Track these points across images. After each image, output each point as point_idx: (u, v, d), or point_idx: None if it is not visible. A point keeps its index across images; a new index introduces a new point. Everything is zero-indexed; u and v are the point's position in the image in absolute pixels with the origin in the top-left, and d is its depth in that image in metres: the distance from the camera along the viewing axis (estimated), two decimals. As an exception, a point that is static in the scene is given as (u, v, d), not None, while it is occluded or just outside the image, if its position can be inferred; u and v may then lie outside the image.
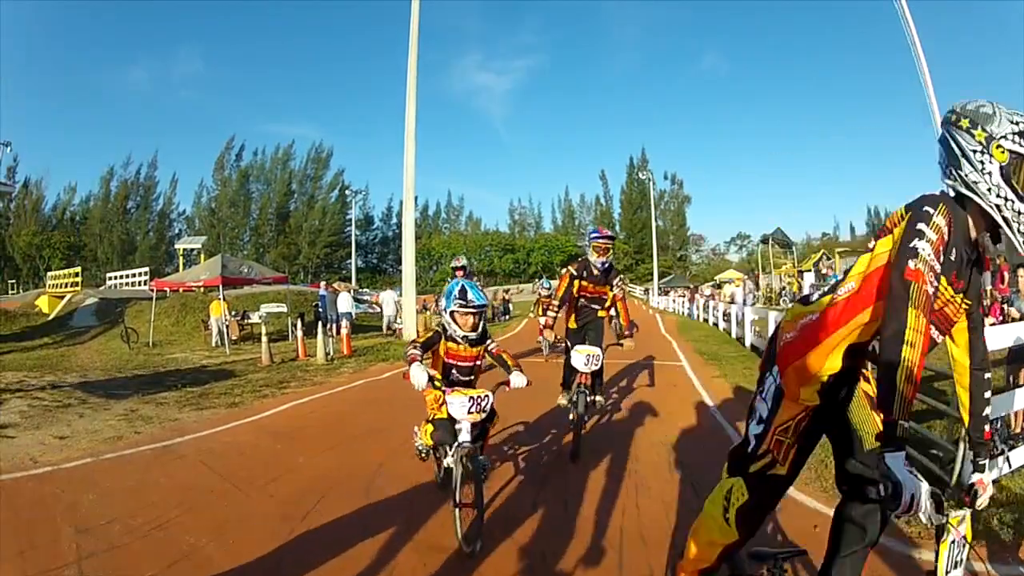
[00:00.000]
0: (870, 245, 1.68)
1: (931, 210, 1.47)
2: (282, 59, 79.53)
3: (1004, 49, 58.64)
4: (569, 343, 5.54)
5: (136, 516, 3.62)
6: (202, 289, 18.77)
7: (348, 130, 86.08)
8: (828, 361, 1.67)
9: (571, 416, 5.21)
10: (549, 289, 13.87)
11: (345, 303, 17.31)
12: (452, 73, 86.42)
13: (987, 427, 1.66)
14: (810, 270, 21.18)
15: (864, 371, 1.81)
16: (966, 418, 1.74)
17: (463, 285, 3.65)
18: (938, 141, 1.60)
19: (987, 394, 1.67)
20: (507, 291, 35.90)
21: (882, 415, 1.41)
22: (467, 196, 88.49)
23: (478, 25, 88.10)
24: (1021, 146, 1.42)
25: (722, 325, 17.83)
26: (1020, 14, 46.40)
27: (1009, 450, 4.04)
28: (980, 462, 1.69)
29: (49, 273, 35.12)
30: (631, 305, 13.65)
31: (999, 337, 4.26)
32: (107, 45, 68.87)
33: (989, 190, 1.46)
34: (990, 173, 1.44)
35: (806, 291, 7.98)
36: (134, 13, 67.83)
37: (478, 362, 3.85)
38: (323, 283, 19.21)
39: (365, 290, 39.42)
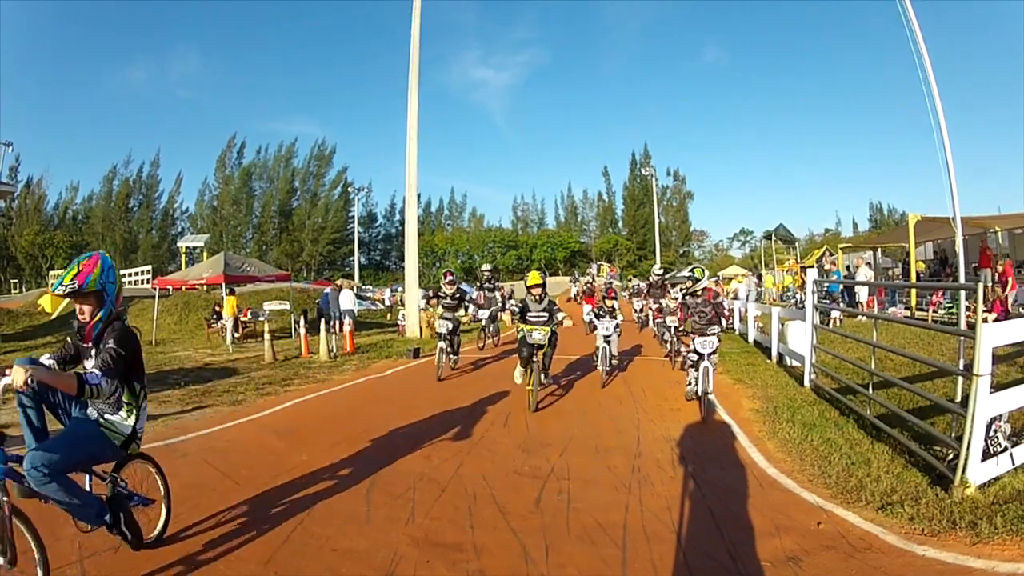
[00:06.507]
0: None
1: None
2: (284, 57, 79.12)
3: (1006, 47, 58.26)
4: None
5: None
6: (205, 287, 18.80)
7: (351, 127, 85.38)
8: None
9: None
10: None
11: (347, 300, 17.33)
12: (453, 69, 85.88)
13: None
14: (813, 266, 21.13)
15: None
16: None
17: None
18: None
19: None
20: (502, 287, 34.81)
21: None
22: (470, 193, 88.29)
23: (477, 20, 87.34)
24: None
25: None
26: (1020, 13, 46.04)
27: (1012, 447, 4.01)
28: None
29: (52, 272, 35.26)
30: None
31: (1012, 333, 4.24)
32: (108, 44, 68.30)
33: None
34: None
35: (809, 287, 7.99)
36: (135, 11, 67.61)
37: None
38: (334, 283, 19.14)
39: (368, 287, 39.46)
